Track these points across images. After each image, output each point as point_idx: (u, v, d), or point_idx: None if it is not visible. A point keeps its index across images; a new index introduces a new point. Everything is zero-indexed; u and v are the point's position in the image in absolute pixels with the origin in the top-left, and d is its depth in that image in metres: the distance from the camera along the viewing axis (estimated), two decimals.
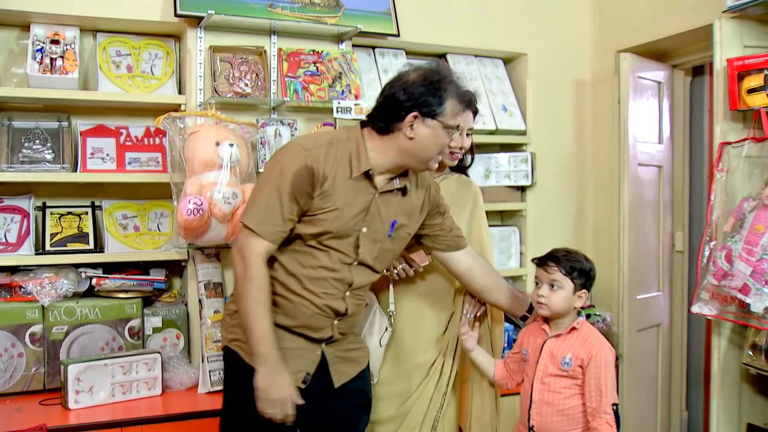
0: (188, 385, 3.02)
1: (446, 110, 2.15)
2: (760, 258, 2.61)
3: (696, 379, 4.09)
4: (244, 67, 3.18)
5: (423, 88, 2.14)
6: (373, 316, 2.57)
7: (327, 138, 2.21)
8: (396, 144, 2.18)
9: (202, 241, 2.89)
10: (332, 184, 2.14)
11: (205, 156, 2.84)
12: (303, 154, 2.12)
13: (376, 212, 2.24)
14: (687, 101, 4.10)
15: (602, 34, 4.03)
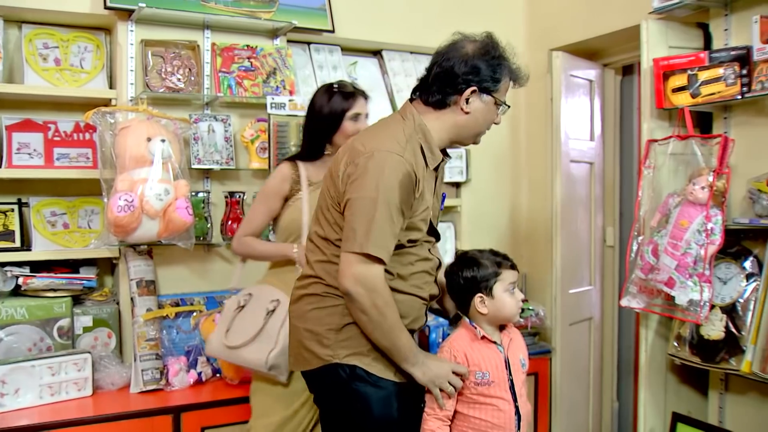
0: (120, 385, 2.96)
1: (501, 87, 2.15)
2: (684, 252, 2.69)
3: (626, 371, 4.19)
4: (176, 62, 3.13)
5: (484, 62, 2.11)
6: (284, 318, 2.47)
7: (403, 134, 2.08)
8: (452, 119, 2.14)
9: (133, 238, 2.84)
10: (421, 182, 2.07)
11: (136, 152, 2.79)
12: (400, 161, 1.99)
13: (438, 193, 2.27)
14: (617, 99, 4.19)
15: (535, 33, 4.09)
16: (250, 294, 2.70)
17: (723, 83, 2.79)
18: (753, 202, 2.71)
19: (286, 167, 2.72)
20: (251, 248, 2.76)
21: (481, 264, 2.21)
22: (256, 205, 2.76)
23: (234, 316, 2.67)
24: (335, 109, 2.67)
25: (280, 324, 2.54)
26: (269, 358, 2.50)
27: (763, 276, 2.74)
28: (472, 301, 2.21)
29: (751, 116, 2.88)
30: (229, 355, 2.65)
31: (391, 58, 3.90)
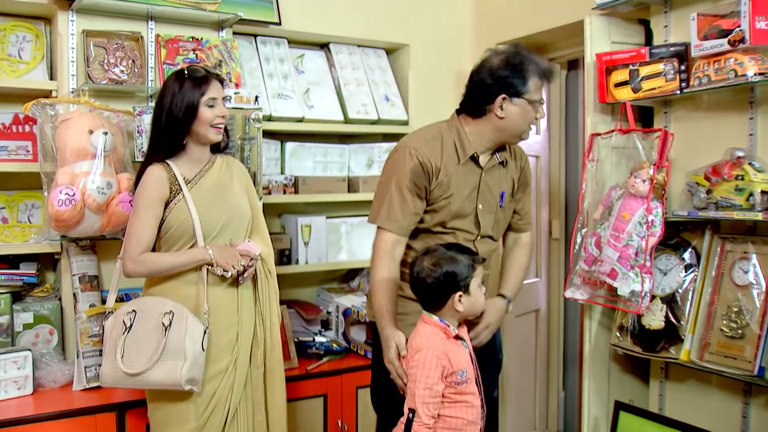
0: (62, 382, 2.91)
1: (530, 88, 2.41)
2: (626, 244, 2.75)
3: (572, 361, 4.27)
4: (119, 53, 3.08)
5: (507, 71, 2.41)
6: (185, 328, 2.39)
7: (432, 134, 2.52)
8: (490, 124, 2.47)
9: (75, 232, 2.79)
10: (446, 173, 2.45)
11: (77, 145, 2.74)
12: (413, 154, 2.42)
13: (485, 189, 2.53)
14: (563, 94, 4.25)
15: (482, 26, 4.12)
16: (133, 311, 2.44)
17: (663, 78, 2.85)
18: (691, 195, 2.77)
19: (158, 169, 2.49)
20: (156, 264, 2.48)
21: (458, 260, 2.18)
22: (140, 217, 2.47)
23: (123, 339, 2.40)
24: (189, 97, 2.46)
25: (183, 335, 2.37)
26: (183, 374, 2.35)
27: (700, 267, 2.82)
28: (451, 299, 2.18)
29: (690, 111, 2.95)
30: (133, 383, 2.40)
31: (339, 51, 3.89)
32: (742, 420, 2.78)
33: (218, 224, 2.54)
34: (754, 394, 2.75)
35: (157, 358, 2.36)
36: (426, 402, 2.10)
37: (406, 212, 2.43)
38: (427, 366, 2.12)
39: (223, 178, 2.61)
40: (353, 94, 3.81)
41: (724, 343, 2.66)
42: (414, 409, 2.10)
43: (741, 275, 2.67)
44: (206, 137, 2.52)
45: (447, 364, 2.14)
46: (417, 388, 2.11)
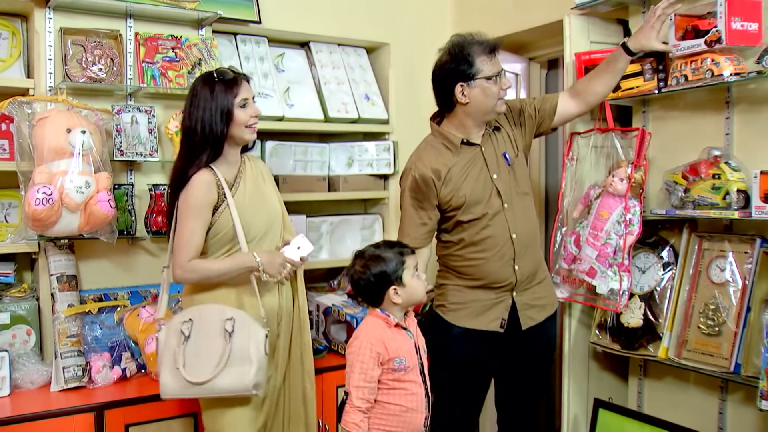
0: (40, 383, 2.89)
1: (479, 67, 2.58)
2: (605, 242, 2.76)
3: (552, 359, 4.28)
4: (98, 51, 3.05)
5: (453, 61, 2.61)
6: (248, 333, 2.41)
7: (423, 147, 2.76)
8: (461, 112, 2.66)
9: (53, 232, 2.76)
10: (447, 171, 2.65)
11: (55, 143, 2.71)
12: (411, 172, 2.70)
13: (492, 159, 2.69)
14: (543, 93, 4.26)
15: (462, 26, 4.11)
16: (190, 320, 2.43)
17: (641, 78, 2.87)
18: (669, 194, 2.80)
19: (206, 174, 2.49)
20: (206, 270, 2.49)
21: (386, 258, 2.33)
22: (188, 223, 2.46)
23: (183, 349, 2.39)
24: (222, 102, 2.48)
25: (247, 340, 2.39)
26: (251, 378, 2.37)
27: (678, 265, 2.84)
28: (387, 294, 2.32)
29: (668, 110, 2.97)
30: (198, 391, 2.39)
31: (319, 50, 3.88)
32: (718, 416, 2.81)
33: (262, 228, 2.58)
34: (731, 391, 2.78)
35: (224, 364, 2.36)
36: (359, 386, 2.23)
37: (414, 225, 2.72)
38: (362, 353, 2.25)
39: (257, 179, 2.64)
40: (333, 93, 3.80)
41: (701, 340, 2.68)
42: (348, 392, 2.24)
43: (718, 273, 2.70)
44: (242, 138, 2.55)
45: (382, 351, 2.27)
46: (352, 372, 2.24)
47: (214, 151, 2.51)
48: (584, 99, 2.81)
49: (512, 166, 2.73)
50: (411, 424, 2.30)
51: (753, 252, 2.60)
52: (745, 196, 2.53)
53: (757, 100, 2.65)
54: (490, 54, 2.61)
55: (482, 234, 2.65)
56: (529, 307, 2.72)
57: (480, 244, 2.65)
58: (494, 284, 2.67)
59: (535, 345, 2.78)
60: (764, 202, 2.41)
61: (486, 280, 2.67)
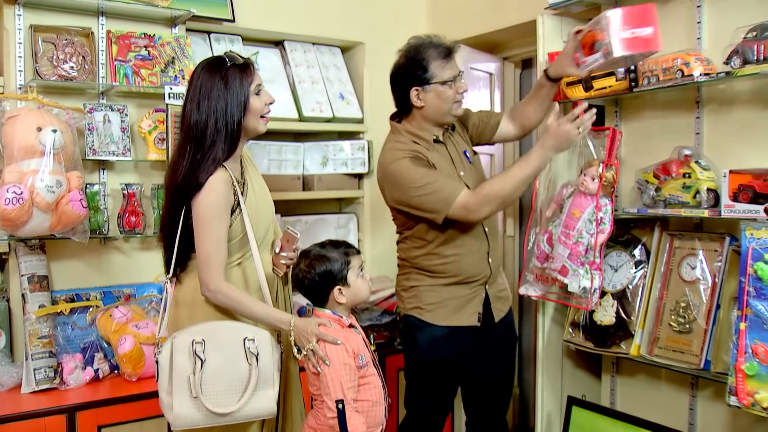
0: (10, 385, 2.85)
1: (434, 72, 2.57)
2: (576, 241, 2.78)
3: (527, 357, 4.31)
4: (69, 49, 3.02)
5: (408, 65, 2.61)
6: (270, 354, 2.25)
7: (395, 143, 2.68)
8: (418, 115, 2.66)
9: (23, 232, 2.73)
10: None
11: (25, 142, 2.68)
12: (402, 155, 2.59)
13: (456, 157, 2.71)
14: (517, 92, 4.29)
15: (437, 25, 4.14)
16: (203, 340, 2.18)
17: (613, 78, 2.89)
18: (641, 193, 2.83)
19: (223, 173, 2.25)
20: (239, 304, 2.25)
21: (331, 257, 2.31)
22: (214, 230, 2.22)
23: (200, 376, 2.15)
24: (238, 90, 2.25)
25: (271, 362, 2.23)
26: (275, 400, 2.24)
27: (650, 263, 2.87)
28: (331, 294, 2.31)
29: (640, 110, 3.01)
30: (224, 421, 2.19)
31: (293, 49, 3.88)
32: (689, 412, 2.85)
33: (266, 229, 2.44)
34: (701, 387, 2.82)
35: (252, 390, 2.18)
36: (351, 387, 2.21)
37: (449, 176, 2.61)
38: (340, 354, 2.21)
39: (256, 174, 2.49)
40: (308, 92, 3.80)
41: (672, 337, 2.71)
42: (342, 398, 2.18)
43: (689, 271, 2.73)
44: (255, 130, 2.35)
45: (351, 349, 2.25)
46: (339, 377, 2.19)
47: (231, 147, 2.27)
48: (520, 123, 2.88)
49: (473, 163, 2.78)
50: (377, 417, 2.31)
51: (722, 250, 2.64)
52: (714, 195, 2.57)
53: (727, 100, 2.68)
54: (446, 58, 2.59)
55: (460, 228, 2.64)
56: (497, 299, 2.78)
57: (458, 239, 2.65)
58: (470, 279, 2.68)
59: (506, 337, 2.85)
60: (733, 200, 2.45)
61: (462, 276, 2.67)
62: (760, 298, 2.31)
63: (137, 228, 3.14)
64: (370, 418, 2.30)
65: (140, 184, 3.17)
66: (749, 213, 2.40)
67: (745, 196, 2.43)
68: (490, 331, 2.75)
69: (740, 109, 2.65)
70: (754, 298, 2.32)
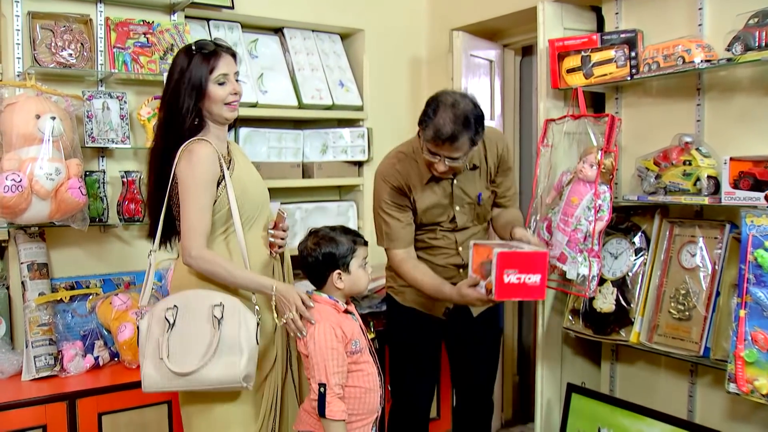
0: (11, 373, 2.86)
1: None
2: (575, 228, 2.78)
3: (527, 345, 4.32)
4: (67, 36, 3.01)
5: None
6: (239, 321, 2.23)
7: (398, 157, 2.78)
8: None
9: (23, 219, 2.73)
10: (415, 191, 2.73)
11: (24, 130, 2.67)
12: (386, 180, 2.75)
13: (460, 194, 2.73)
14: (517, 80, 4.28)
15: (437, 12, 4.12)
16: (174, 306, 2.24)
17: (614, 65, 2.88)
18: (641, 180, 2.82)
19: (208, 147, 2.30)
20: (222, 269, 2.27)
21: (338, 241, 2.32)
22: (199, 201, 2.26)
23: (167, 338, 2.20)
24: (196, 73, 2.29)
25: (237, 328, 2.21)
26: (242, 369, 2.18)
27: (650, 250, 2.87)
28: (330, 277, 2.31)
29: (640, 97, 3.00)
30: (184, 383, 2.19)
31: (293, 36, 3.86)
32: (688, 399, 2.85)
33: (257, 208, 2.43)
34: (700, 374, 2.82)
35: (212, 354, 2.17)
36: (336, 372, 2.19)
37: (402, 227, 2.73)
38: (329, 338, 2.21)
39: (246, 159, 2.52)
40: (307, 79, 3.78)
41: (672, 324, 2.71)
42: (324, 383, 2.18)
43: (688, 258, 2.73)
44: (221, 116, 2.36)
45: (341, 333, 2.24)
46: (324, 361, 2.19)
47: (194, 123, 2.33)
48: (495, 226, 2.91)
49: (482, 205, 2.78)
50: (370, 404, 2.32)
51: (723, 237, 2.64)
52: (715, 182, 2.56)
53: (728, 87, 2.68)
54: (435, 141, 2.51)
55: (427, 242, 2.81)
56: None
57: (423, 249, 2.81)
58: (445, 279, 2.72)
59: (486, 327, 2.88)
60: (734, 188, 2.45)
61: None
62: (760, 285, 2.31)
63: (137, 215, 3.13)
64: (363, 404, 2.30)
65: (139, 171, 3.16)
66: (750, 200, 2.40)
67: (746, 183, 2.42)
68: (467, 323, 2.82)
69: (741, 96, 2.64)
70: (754, 286, 2.32)
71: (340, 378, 2.21)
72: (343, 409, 2.19)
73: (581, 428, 3.09)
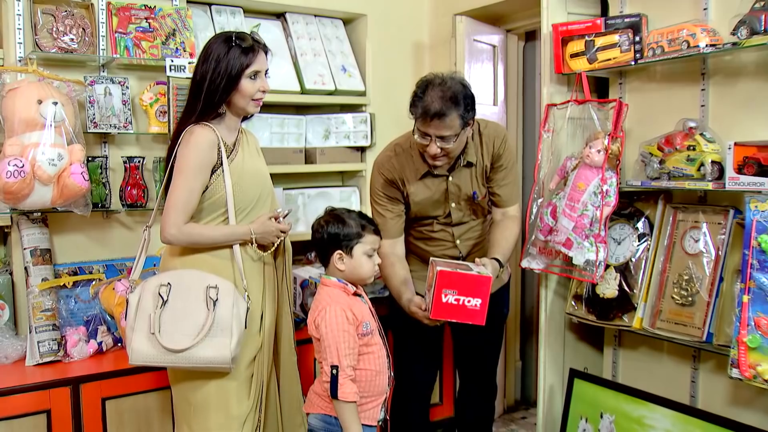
0: (15, 358, 2.87)
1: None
2: (581, 213, 2.77)
3: (529, 330, 4.32)
4: (69, 21, 2.99)
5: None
6: (231, 304, 2.30)
7: (396, 150, 2.81)
8: None
9: (25, 205, 2.73)
10: (409, 185, 2.77)
11: (26, 115, 2.67)
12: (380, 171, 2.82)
13: (455, 191, 2.77)
14: (520, 65, 4.26)
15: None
16: (168, 283, 2.30)
17: (618, 49, 2.86)
18: (645, 165, 2.81)
19: (209, 132, 2.35)
20: (199, 236, 2.36)
21: (347, 223, 2.36)
22: (188, 182, 2.31)
23: (159, 314, 2.26)
24: (233, 65, 2.34)
25: (230, 312, 2.28)
26: (231, 350, 2.25)
27: (653, 236, 2.86)
28: (332, 258, 2.35)
29: (644, 82, 2.98)
30: (173, 360, 2.25)
31: (295, 21, 3.84)
32: (690, 384, 2.85)
33: (254, 199, 2.48)
34: (703, 360, 2.82)
35: (205, 333, 2.24)
36: (348, 354, 2.23)
37: (390, 218, 2.78)
38: (339, 321, 2.24)
39: (252, 149, 2.57)
40: (310, 64, 3.77)
41: (674, 310, 2.71)
42: (337, 364, 2.21)
43: (692, 244, 2.72)
44: (245, 110, 2.45)
45: (352, 316, 2.27)
46: (336, 343, 2.22)
47: (209, 112, 2.38)
48: None
49: (477, 201, 2.82)
50: (379, 386, 2.35)
51: (726, 223, 2.63)
52: (719, 168, 2.55)
53: (733, 72, 2.66)
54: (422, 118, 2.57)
55: (426, 234, 2.87)
56: None
57: (422, 239, 2.88)
58: None
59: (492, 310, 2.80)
60: (738, 173, 2.43)
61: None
62: (763, 270, 2.30)
63: (139, 201, 3.13)
64: (373, 387, 2.32)
65: (142, 157, 3.16)
66: (754, 185, 2.39)
67: (750, 168, 2.41)
68: None
69: (746, 81, 2.62)
70: (757, 271, 2.32)
71: (352, 360, 2.24)
72: (355, 391, 2.22)
73: (584, 413, 3.10)
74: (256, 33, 2.48)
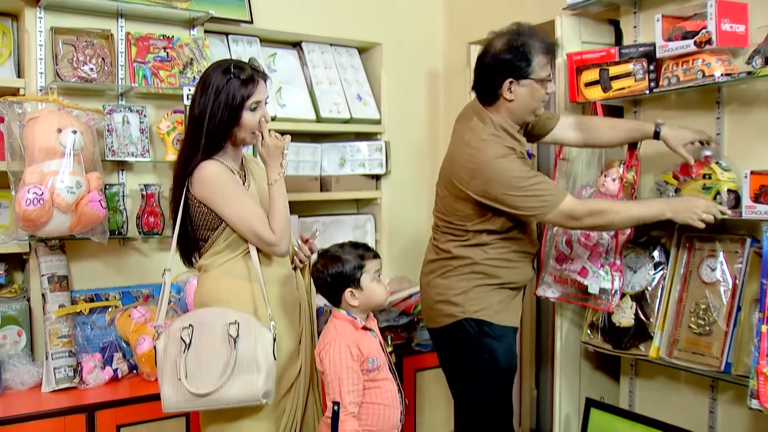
0: (31, 384, 2.88)
1: (535, 67, 2.47)
2: (596, 242, 2.77)
3: (545, 359, 4.29)
4: (89, 51, 3.04)
5: (510, 54, 2.46)
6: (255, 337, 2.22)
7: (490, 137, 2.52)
8: (504, 108, 2.54)
9: (44, 232, 2.76)
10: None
11: (45, 143, 2.70)
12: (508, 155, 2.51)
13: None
14: None
15: (454, 26, 4.13)
16: (190, 325, 2.22)
17: (632, 78, 2.87)
18: (660, 194, 2.80)
19: (217, 163, 2.30)
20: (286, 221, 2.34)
21: (344, 259, 2.29)
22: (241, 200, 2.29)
23: (184, 358, 2.18)
24: (233, 97, 2.26)
25: (254, 345, 2.19)
26: (260, 387, 2.18)
27: (669, 265, 2.85)
28: (343, 296, 2.29)
29: (659, 110, 2.98)
30: (203, 403, 2.19)
31: (311, 50, 3.88)
32: (709, 415, 2.82)
33: None
34: (721, 390, 2.79)
35: (230, 373, 2.16)
36: (351, 391, 2.19)
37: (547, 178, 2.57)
38: (344, 357, 2.21)
39: (255, 168, 2.51)
40: (325, 93, 3.80)
41: (692, 339, 2.69)
42: (338, 401, 2.18)
43: (708, 273, 2.70)
44: (244, 141, 2.38)
45: (357, 352, 2.23)
46: (339, 379, 2.19)
47: (215, 148, 2.31)
48: (586, 137, 2.84)
49: None
50: (389, 420, 2.31)
51: (743, 252, 2.61)
52: (735, 196, 2.54)
53: (748, 100, 2.66)
54: (548, 55, 2.51)
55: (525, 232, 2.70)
56: None
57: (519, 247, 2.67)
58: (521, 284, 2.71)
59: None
60: (755, 201, 2.42)
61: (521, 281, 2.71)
62: None
63: (156, 228, 3.15)
64: (383, 421, 2.29)
65: (159, 184, 3.18)
66: None
67: (767, 197, 2.40)
68: None
69: (762, 109, 2.62)
70: None
71: (355, 396, 2.21)
72: (356, 428, 2.19)
73: None
74: (254, 60, 2.40)
